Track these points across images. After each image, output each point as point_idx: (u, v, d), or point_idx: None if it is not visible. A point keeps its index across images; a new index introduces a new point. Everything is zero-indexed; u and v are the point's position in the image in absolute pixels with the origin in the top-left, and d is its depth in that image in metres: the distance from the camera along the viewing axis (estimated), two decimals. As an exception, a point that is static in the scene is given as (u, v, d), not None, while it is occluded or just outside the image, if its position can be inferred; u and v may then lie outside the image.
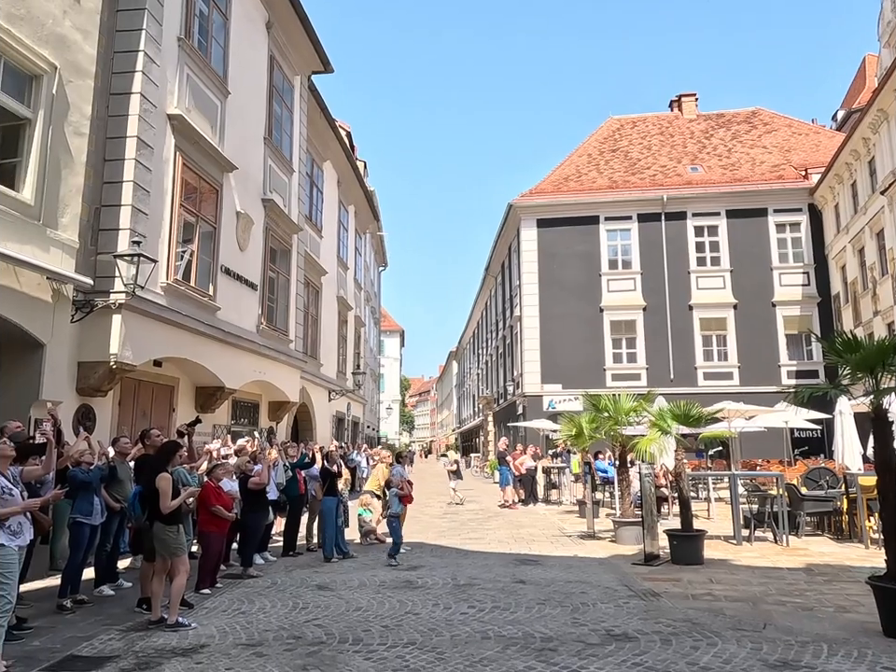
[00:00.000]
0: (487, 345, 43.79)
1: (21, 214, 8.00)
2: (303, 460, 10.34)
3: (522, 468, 17.34)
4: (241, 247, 13.47)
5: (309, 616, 6.33)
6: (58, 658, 5.16)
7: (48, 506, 6.76)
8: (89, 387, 9.57)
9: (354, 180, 25.03)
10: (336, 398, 22.08)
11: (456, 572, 8.41)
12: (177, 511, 6.24)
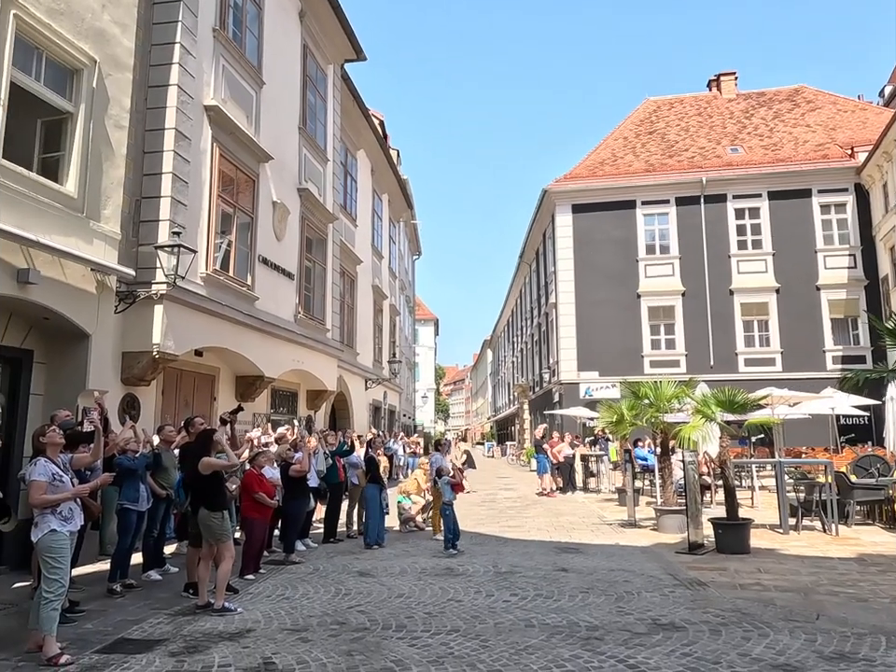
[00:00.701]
0: (522, 333, 43.56)
1: (65, 206, 8.14)
2: (343, 448, 10.40)
3: (559, 455, 17.20)
4: (277, 237, 13.55)
5: (352, 602, 6.36)
6: (109, 641, 5.27)
7: (97, 492, 6.93)
8: (133, 377, 9.75)
9: (387, 168, 25.01)
10: (372, 386, 22.20)
11: (497, 560, 8.37)
12: (222, 497, 6.31)
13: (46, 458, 5.11)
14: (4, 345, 8.08)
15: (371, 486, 9.65)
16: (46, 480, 4.98)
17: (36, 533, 4.95)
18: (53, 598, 4.83)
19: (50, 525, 4.95)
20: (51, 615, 4.81)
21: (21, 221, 7.37)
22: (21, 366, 8.33)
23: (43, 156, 8.56)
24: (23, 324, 8.31)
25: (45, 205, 7.82)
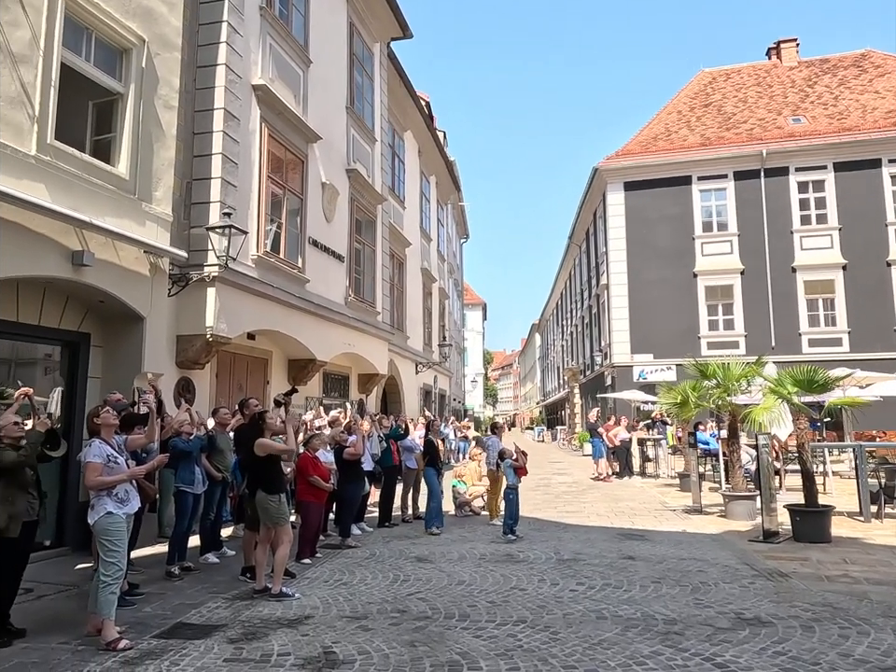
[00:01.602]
0: (572, 316, 42.80)
1: (117, 188, 8.09)
2: (397, 431, 10.20)
3: (616, 439, 16.72)
4: (327, 219, 13.39)
5: (411, 589, 6.14)
6: (168, 625, 5.17)
7: (153, 475, 6.87)
8: (187, 360, 9.73)
9: (434, 149, 24.65)
10: (423, 370, 22.02)
11: (558, 546, 8.06)
12: (279, 479, 6.16)
13: (100, 440, 5.01)
14: (61, 329, 8.10)
15: (430, 470, 9.42)
16: (101, 461, 4.88)
17: (93, 515, 4.86)
18: (111, 582, 4.74)
19: (106, 507, 4.85)
20: (109, 599, 4.72)
21: (74, 203, 7.33)
22: (78, 349, 8.36)
23: (95, 138, 8.53)
24: (80, 307, 8.32)
25: (97, 187, 7.77)
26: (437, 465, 9.54)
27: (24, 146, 6.92)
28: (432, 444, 9.57)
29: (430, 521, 9.22)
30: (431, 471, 9.47)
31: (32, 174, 6.96)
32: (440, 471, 9.56)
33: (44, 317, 7.85)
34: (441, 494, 9.51)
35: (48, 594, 6.16)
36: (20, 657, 4.47)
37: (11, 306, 7.45)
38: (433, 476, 9.40)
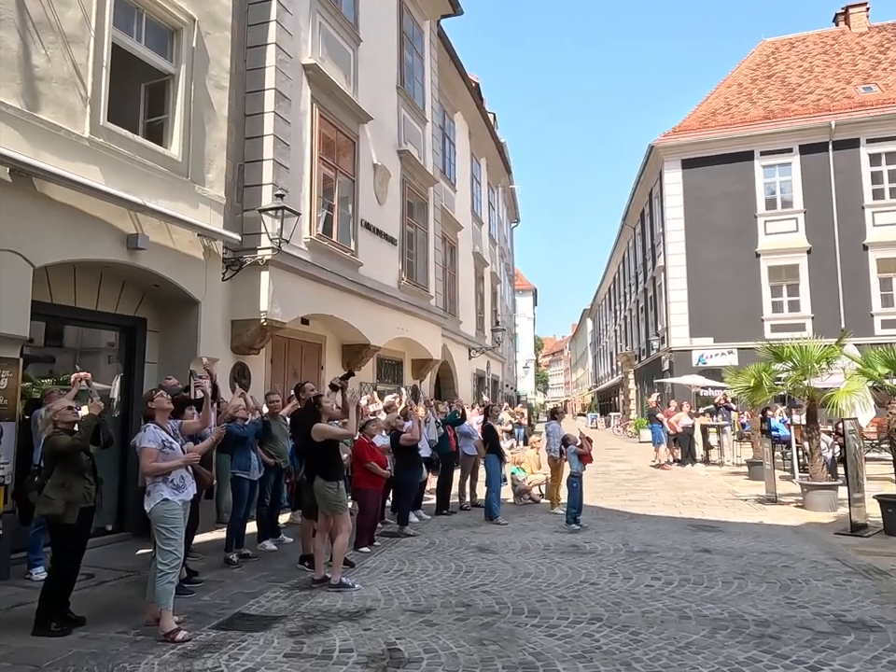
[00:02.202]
0: (626, 300, 41.76)
1: (170, 170, 7.97)
2: (454, 417, 9.92)
3: (678, 425, 16.09)
4: (379, 201, 13.14)
5: (475, 581, 5.86)
6: (227, 615, 5.01)
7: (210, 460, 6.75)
8: (242, 345, 9.64)
9: (485, 131, 24.14)
10: (476, 355, 21.70)
11: (626, 537, 7.66)
12: (338, 466, 5.94)
13: (155, 424, 4.86)
14: (118, 314, 8.07)
15: (492, 457, 9.09)
16: (156, 446, 4.72)
17: (149, 502, 4.72)
18: (168, 571, 4.59)
19: (162, 493, 4.70)
20: (167, 588, 4.57)
21: (127, 186, 7.23)
22: (135, 334, 8.33)
23: (147, 120, 8.44)
24: (135, 292, 8.27)
25: (150, 169, 7.66)
26: (499, 452, 9.17)
27: (78, 128, 6.83)
28: (492, 431, 9.23)
29: (494, 510, 8.88)
30: (494, 459, 9.10)
31: (85, 156, 6.88)
32: (502, 458, 9.17)
33: (101, 302, 7.82)
34: (505, 482, 9.16)
35: (108, 579, 6.10)
36: (78, 647, 4.36)
37: (69, 291, 7.43)
38: (495, 464, 9.05)
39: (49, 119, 6.52)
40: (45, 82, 6.52)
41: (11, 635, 4.62)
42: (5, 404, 6.05)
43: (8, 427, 6.01)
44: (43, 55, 6.51)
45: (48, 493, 4.61)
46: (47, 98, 6.54)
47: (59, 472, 4.63)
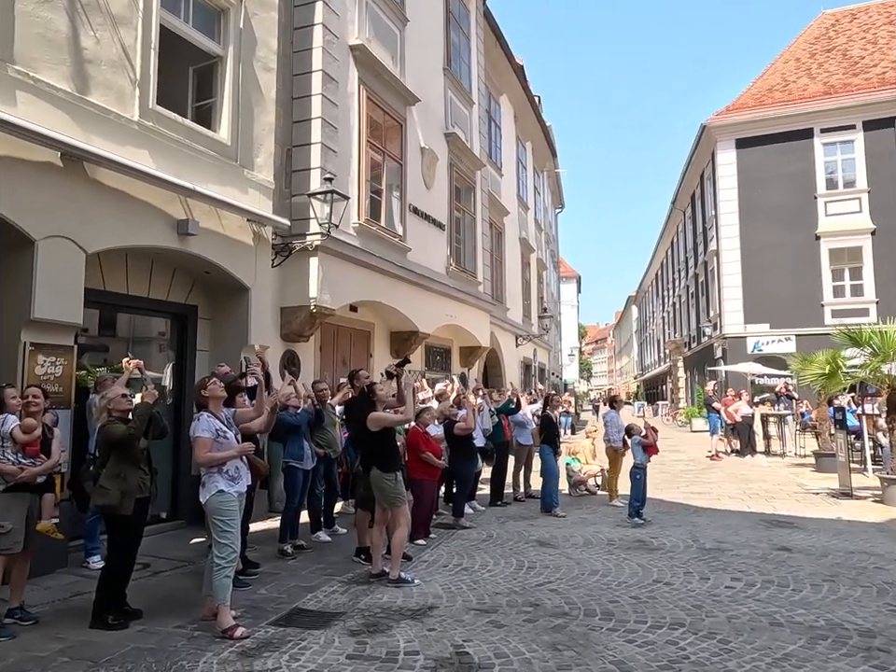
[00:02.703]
0: (674, 286, 40.68)
1: (219, 154, 7.82)
2: (508, 406, 9.61)
3: (736, 415, 15.46)
4: (427, 185, 12.85)
5: (540, 578, 5.56)
6: (284, 611, 4.83)
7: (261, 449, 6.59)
8: (292, 333, 9.49)
9: (531, 114, 23.59)
10: (523, 343, 21.31)
11: (695, 533, 7.26)
12: (395, 456, 5.70)
13: (209, 413, 4.67)
14: (170, 301, 7.98)
15: (546, 448, 8.77)
16: (210, 436, 4.54)
17: (204, 493, 4.54)
18: (225, 565, 4.42)
19: (217, 485, 4.52)
20: (224, 583, 4.40)
21: (177, 170, 7.09)
22: (186, 322, 8.24)
23: (196, 104, 8.30)
24: (186, 279, 8.17)
25: (199, 154, 7.52)
26: (554, 443, 8.85)
27: (127, 111, 6.71)
28: (551, 421, 8.89)
29: (551, 502, 8.57)
30: (548, 450, 8.79)
31: (135, 140, 6.76)
32: (557, 450, 8.81)
33: (153, 289, 7.74)
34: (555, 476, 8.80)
35: (163, 570, 6.01)
36: (136, 642, 4.23)
37: (121, 278, 7.35)
38: (550, 455, 8.72)
39: (99, 103, 6.40)
40: (94, 65, 6.39)
41: (69, 626, 4.52)
42: (60, 392, 5.98)
43: (64, 414, 5.94)
44: (92, 37, 6.38)
45: (103, 483, 4.49)
46: (96, 81, 6.42)
47: (114, 462, 4.50)
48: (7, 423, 4.60)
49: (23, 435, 4.59)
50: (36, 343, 5.87)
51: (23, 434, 4.59)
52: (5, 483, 4.52)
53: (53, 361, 5.99)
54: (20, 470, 4.51)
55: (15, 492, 4.54)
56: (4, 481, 4.52)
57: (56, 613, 4.83)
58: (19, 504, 4.53)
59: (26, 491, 4.59)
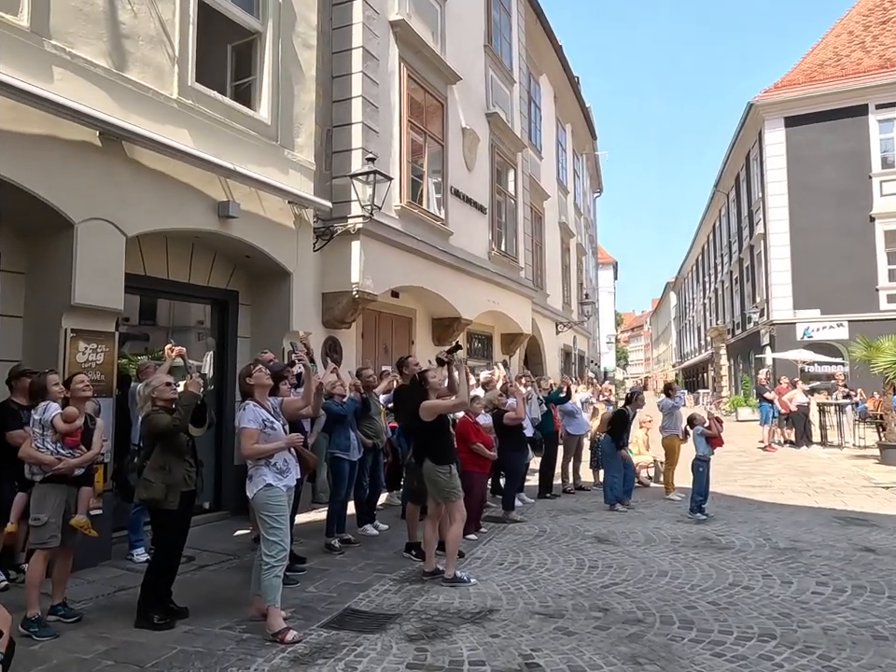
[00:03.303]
0: (716, 272, 39.57)
1: (260, 134, 7.55)
2: (558, 394, 9.22)
3: (791, 404, 14.80)
4: (468, 167, 12.46)
5: (604, 579, 5.20)
6: (336, 611, 4.56)
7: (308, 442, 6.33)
8: (333, 319, 9.24)
9: (571, 95, 22.94)
10: (563, 330, 20.83)
11: (764, 530, 6.81)
12: (450, 448, 5.38)
13: (255, 402, 4.40)
14: (210, 287, 7.76)
15: (606, 437, 8.31)
16: (256, 427, 4.27)
17: (251, 488, 4.28)
18: (275, 563, 4.15)
19: (265, 478, 4.25)
20: (274, 583, 4.13)
21: (217, 150, 6.83)
22: (227, 308, 8.02)
23: (234, 83, 8.05)
24: (227, 264, 7.95)
25: (239, 133, 7.25)
26: (620, 439, 8.33)
27: (166, 88, 6.46)
28: (623, 419, 8.38)
29: (613, 495, 8.14)
30: (608, 440, 8.28)
31: (174, 118, 6.51)
32: (620, 444, 8.31)
33: (193, 275, 7.53)
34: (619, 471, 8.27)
35: (208, 563, 5.80)
36: (182, 644, 3.99)
37: (161, 263, 7.14)
38: (611, 446, 8.26)
39: (137, 80, 6.17)
40: (131, 40, 6.15)
41: (114, 625, 4.32)
42: (101, 380, 5.79)
43: (106, 403, 5.75)
44: (129, 11, 6.13)
45: (147, 476, 4.25)
46: (134, 57, 6.17)
47: (158, 454, 4.26)
48: (48, 410, 4.39)
49: (64, 424, 4.37)
50: (77, 329, 5.68)
51: (64, 424, 4.38)
52: (42, 473, 4.32)
53: (94, 348, 5.80)
54: (57, 461, 4.31)
55: (52, 483, 4.33)
56: (41, 471, 4.33)
57: (100, 610, 4.63)
58: (55, 496, 4.32)
59: (63, 483, 4.38)
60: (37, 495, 4.32)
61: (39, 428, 4.34)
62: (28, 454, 4.32)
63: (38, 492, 4.32)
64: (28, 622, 4.14)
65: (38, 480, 4.33)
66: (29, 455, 4.32)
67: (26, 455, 4.33)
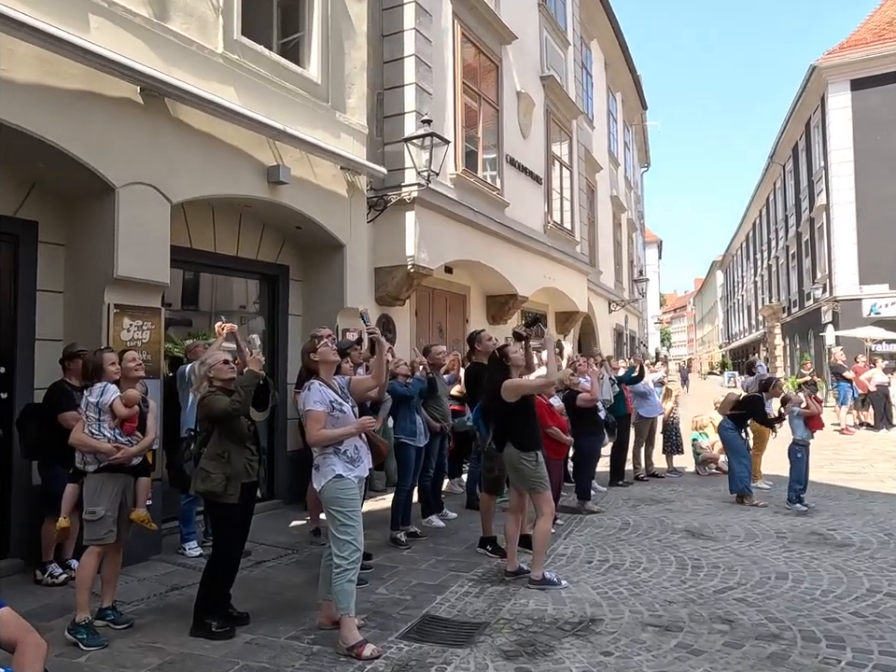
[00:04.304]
0: (770, 248, 37.92)
1: (310, 94, 6.97)
2: (631, 374, 8.52)
3: (870, 384, 13.79)
4: (523, 134, 11.71)
5: (715, 583, 4.54)
6: (414, 618, 4.00)
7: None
8: (387, 295, 8.68)
9: (622, 62, 21.81)
10: (616, 309, 19.98)
11: (880, 523, 6.06)
12: (535, 432, 4.77)
13: (320, 381, 3.83)
14: (259, 260, 7.26)
15: (725, 423, 7.47)
16: (324, 409, 3.71)
17: (318, 479, 3.73)
18: (347, 566, 3.60)
19: (335, 468, 3.69)
20: (347, 588, 3.58)
21: (265, 110, 6.27)
22: (277, 284, 7.52)
23: (281, 41, 7.46)
24: (276, 236, 7.43)
25: (288, 92, 6.69)
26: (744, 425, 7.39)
27: (210, 42, 5.92)
28: (759, 404, 7.37)
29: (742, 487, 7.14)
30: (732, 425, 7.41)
31: (219, 74, 5.97)
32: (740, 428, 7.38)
33: (241, 248, 7.02)
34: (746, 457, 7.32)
35: (265, 559, 5.32)
36: (244, 657, 3.48)
37: (208, 235, 6.65)
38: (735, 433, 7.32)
39: (180, 31, 5.63)
40: (173, -12, 5.60)
41: (167, 632, 3.84)
42: (148, 359, 5.31)
43: (153, 384, 5.28)
44: (170, -45, 5.58)
45: (204, 465, 3.74)
46: (176, 7, 5.63)
47: (216, 441, 3.74)
48: (107, 393, 3.89)
49: (125, 409, 3.89)
50: (121, 304, 5.20)
51: (125, 408, 3.89)
52: (96, 462, 3.85)
53: (140, 325, 5.32)
54: (115, 450, 3.82)
55: (108, 473, 3.86)
56: (95, 460, 3.85)
57: (152, 613, 4.17)
58: (111, 487, 3.86)
59: (120, 473, 3.90)
60: (92, 486, 3.85)
61: (95, 413, 3.87)
62: (82, 440, 3.84)
63: (93, 483, 3.85)
64: (77, 627, 3.70)
65: (92, 469, 3.86)
66: (83, 443, 3.84)
67: (79, 443, 3.86)
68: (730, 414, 7.34)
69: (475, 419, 5.29)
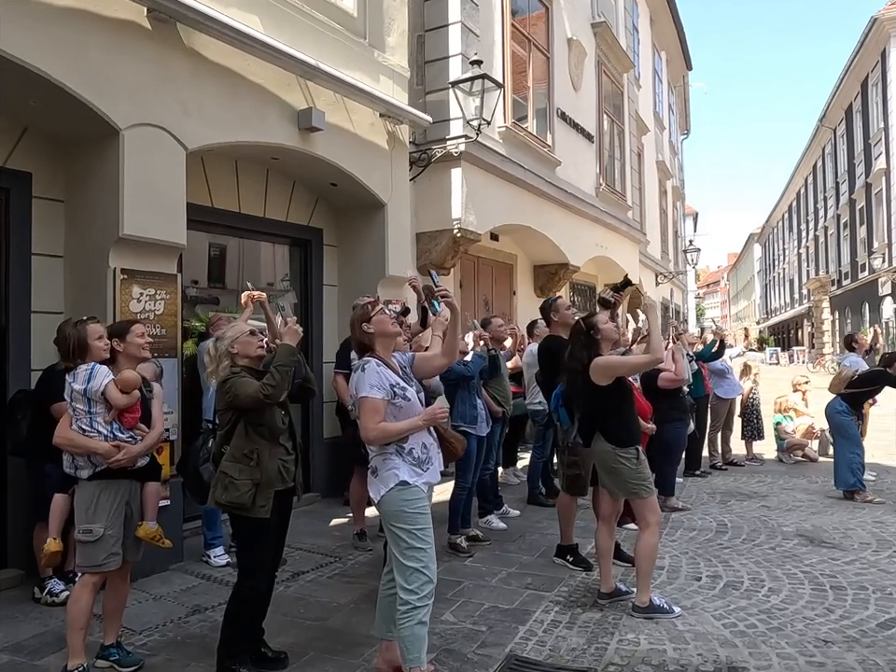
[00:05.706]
0: (818, 217, 36.13)
1: (346, 29, 6.02)
2: (710, 350, 7.51)
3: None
4: (574, 86, 10.61)
5: (874, 612, 3.56)
6: (496, 660, 3.13)
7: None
8: (430, 263, 7.73)
9: (668, 17, 20.33)
10: (663, 282, 18.83)
11: None
12: (633, 424, 3.83)
13: (377, 360, 2.92)
14: (289, 223, 6.37)
15: (836, 404, 6.40)
16: (383, 396, 2.80)
17: (377, 487, 2.82)
18: (418, 603, 2.70)
19: (397, 473, 2.78)
20: (417, 633, 2.69)
21: (295, 43, 5.34)
22: (309, 249, 6.63)
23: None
24: (308, 195, 6.54)
25: (320, 25, 5.74)
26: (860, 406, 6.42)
27: (229, -43, 4.98)
28: (885, 378, 6.27)
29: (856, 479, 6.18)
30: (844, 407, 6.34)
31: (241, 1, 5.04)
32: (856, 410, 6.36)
33: (269, 208, 6.14)
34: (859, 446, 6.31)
35: (303, 570, 4.50)
36: (286, 724, 2.65)
37: (232, 193, 5.78)
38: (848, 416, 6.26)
39: (193, -57, 4.70)
40: None
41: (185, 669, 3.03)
42: (163, 335, 4.49)
43: (169, 364, 4.46)
44: None
45: (227, 469, 2.86)
46: (188, -87, 4.70)
47: (242, 437, 2.86)
48: (96, 375, 2.97)
49: (122, 395, 3.02)
50: (129, 269, 4.36)
51: (122, 393, 3.03)
52: (91, 466, 3.00)
53: (152, 295, 4.48)
54: (115, 449, 2.98)
55: (106, 480, 3.02)
56: (89, 463, 3.00)
57: (167, 648, 3.35)
58: (112, 498, 3.00)
59: (122, 478, 3.06)
60: (86, 497, 2.99)
61: (84, 404, 2.99)
62: (71, 439, 2.98)
63: (87, 492, 3.00)
64: (68, 677, 2.89)
65: (86, 476, 3.01)
66: (72, 442, 2.98)
67: (68, 442, 2.99)
68: (844, 393, 6.29)
69: (554, 406, 4.36)
